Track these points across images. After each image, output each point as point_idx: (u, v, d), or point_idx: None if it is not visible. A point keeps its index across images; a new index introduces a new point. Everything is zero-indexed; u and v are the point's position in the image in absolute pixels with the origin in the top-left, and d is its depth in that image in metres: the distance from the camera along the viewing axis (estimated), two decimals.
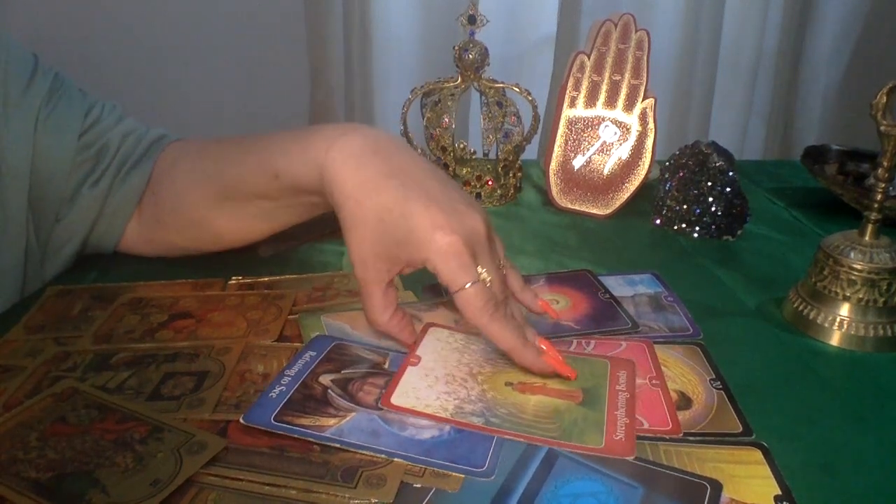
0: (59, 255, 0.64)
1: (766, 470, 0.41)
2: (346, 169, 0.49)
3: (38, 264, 0.62)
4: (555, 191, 0.85)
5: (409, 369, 0.48)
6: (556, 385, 0.47)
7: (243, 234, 0.62)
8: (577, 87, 0.85)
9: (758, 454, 0.42)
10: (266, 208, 0.57)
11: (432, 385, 0.46)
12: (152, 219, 0.64)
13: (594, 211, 0.84)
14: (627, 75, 0.83)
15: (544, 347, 0.48)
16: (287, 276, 0.63)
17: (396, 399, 0.45)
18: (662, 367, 0.51)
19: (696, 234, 0.78)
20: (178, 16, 1.36)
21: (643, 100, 0.83)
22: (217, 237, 0.62)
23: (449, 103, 0.82)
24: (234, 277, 0.62)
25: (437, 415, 0.43)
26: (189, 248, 0.65)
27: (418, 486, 0.39)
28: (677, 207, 0.79)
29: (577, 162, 0.85)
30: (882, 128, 0.53)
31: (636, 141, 0.83)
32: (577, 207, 0.85)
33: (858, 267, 0.55)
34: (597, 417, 0.44)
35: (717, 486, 0.39)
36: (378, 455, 0.40)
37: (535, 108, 0.84)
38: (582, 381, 0.48)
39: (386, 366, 0.49)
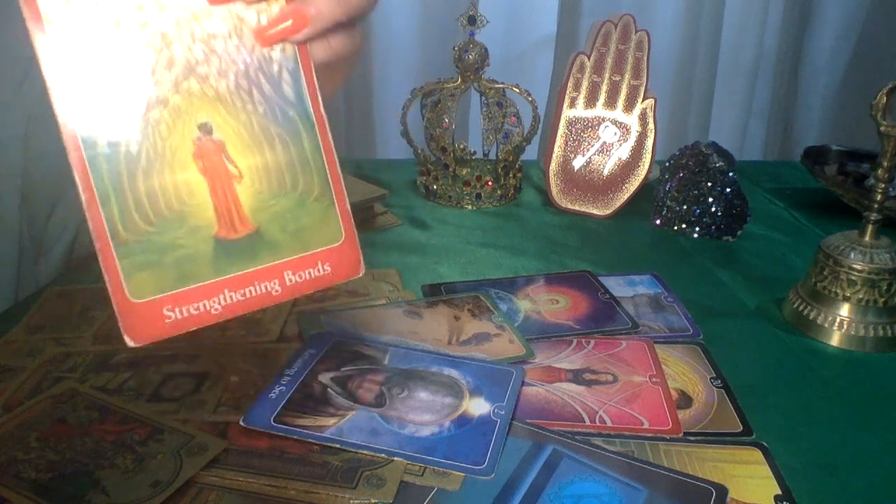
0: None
1: (766, 470, 0.41)
2: None
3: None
4: (555, 191, 0.85)
5: None
6: (247, 199, 0.33)
7: None
8: (577, 88, 0.85)
9: (758, 454, 0.42)
10: None
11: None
12: None
13: (594, 211, 0.84)
14: (627, 76, 0.83)
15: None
16: None
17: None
18: (663, 366, 0.51)
19: (696, 235, 0.78)
20: None
21: (643, 100, 0.83)
22: None
23: (449, 104, 0.82)
24: None
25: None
26: None
27: (419, 485, 0.39)
28: (677, 208, 0.79)
29: (577, 162, 0.85)
30: (882, 128, 0.53)
31: (636, 141, 0.83)
32: (577, 208, 0.85)
33: (858, 267, 0.55)
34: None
35: (722, 491, 0.39)
36: (378, 454, 0.40)
37: (534, 108, 0.84)
38: (274, 227, 0.34)
39: (386, 362, 0.49)
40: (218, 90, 0.32)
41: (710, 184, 0.76)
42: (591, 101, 0.85)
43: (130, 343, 0.30)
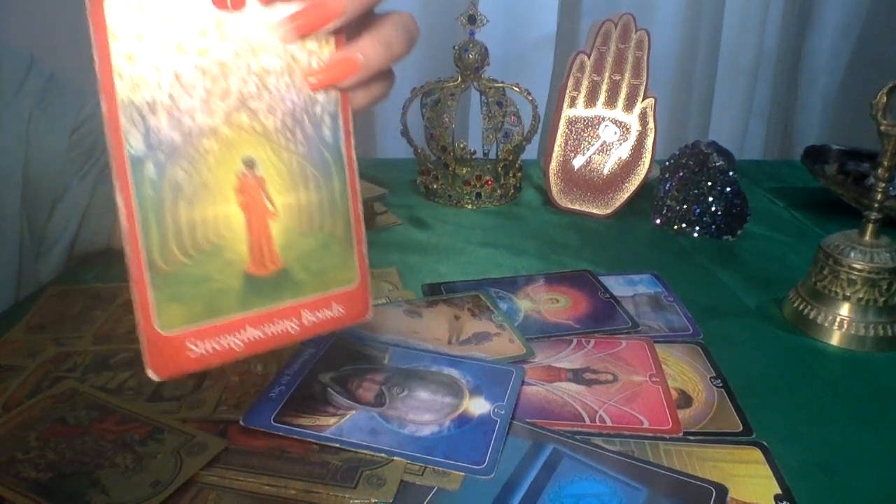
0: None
1: (766, 470, 0.41)
2: None
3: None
4: (555, 191, 0.85)
5: None
6: (278, 237, 0.33)
7: None
8: (577, 87, 0.85)
9: (758, 454, 0.42)
10: None
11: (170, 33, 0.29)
12: None
13: (594, 211, 0.84)
14: (627, 75, 0.83)
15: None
16: None
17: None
18: (663, 365, 0.51)
19: (696, 234, 0.78)
20: None
21: (643, 100, 0.83)
22: None
23: (449, 103, 0.82)
24: None
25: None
26: None
27: (419, 484, 0.39)
28: (677, 207, 0.79)
29: (577, 162, 0.85)
30: (882, 127, 0.53)
31: (636, 141, 0.83)
32: (577, 207, 0.85)
33: (858, 267, 0.55)
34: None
35: (722, 490, 0.38)
36: (378, 454, 0.40)
37: (535, 107, 0.84)
38: (299, 266, 0.34)
39: (386, 361, 0.49)
40: (266, 126, 0.32)
41: (710, 183, 0.76)
42: (591, 100, 0.85)
43: (154, 377, 0.30)
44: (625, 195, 0.83)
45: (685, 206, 0.78)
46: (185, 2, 0.30)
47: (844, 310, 0.56)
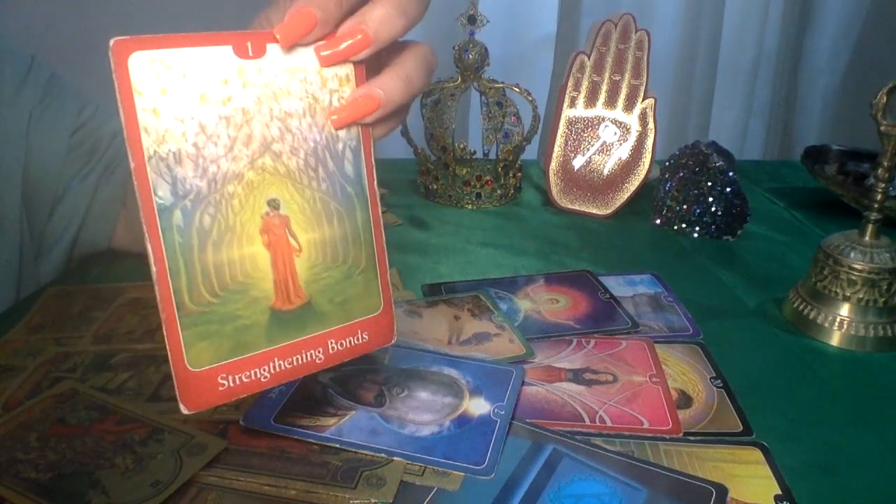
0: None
1: (766, 470, 0.41)
2: None
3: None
4: (555, 191, 0.85)
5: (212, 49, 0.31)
6: (302, 272, 0.34)
7: None
8: (577, 88, 0.85)
9: (758, 454, 0.42)
10: None
11: (195, 89, 0.30)
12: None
13: (594, 211, 0.84)
14: (627, 75, 0.83)
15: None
16: None
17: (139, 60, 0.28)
18: (663, 366, 0.51)
19: (696, 234, 0.78)
20: (179, 17, 1.36)
21: (643, 100, 0.83)
22: None
23: (449, 103, 0.82)
24: None
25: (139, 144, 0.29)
26: None
27: (419, 485, 0.39)
28: (677, 207, 0.79)
29: (577, 162, 0.85)
30: (882, 128, 0.53)
31: (636, 141, 0.83)
32: (576, 207, 0.85)
33: (858, 267, 0.55)
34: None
35: (722, 491, 0.38)
36: (378, 454, 0.40)
37: (534, 108, 0.84)
38: (324, 297, 0.35)
39: (386, 361, 0.49)
40: (289, 167, 0.33)
41: (710, 183, 0.76)
42: (591, 100, 0.85)
43: (185, 410, 0.31)
44: (625, 195, 0.83)
45: (685, 207, 0.78)
46: (208, 54, 0.30)
47: (844, 310, 0.56)
